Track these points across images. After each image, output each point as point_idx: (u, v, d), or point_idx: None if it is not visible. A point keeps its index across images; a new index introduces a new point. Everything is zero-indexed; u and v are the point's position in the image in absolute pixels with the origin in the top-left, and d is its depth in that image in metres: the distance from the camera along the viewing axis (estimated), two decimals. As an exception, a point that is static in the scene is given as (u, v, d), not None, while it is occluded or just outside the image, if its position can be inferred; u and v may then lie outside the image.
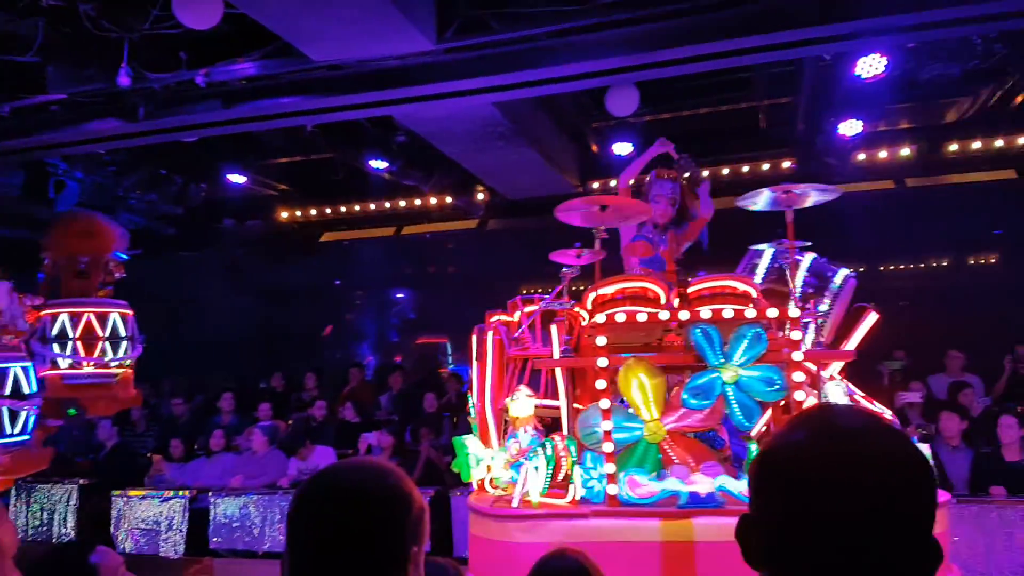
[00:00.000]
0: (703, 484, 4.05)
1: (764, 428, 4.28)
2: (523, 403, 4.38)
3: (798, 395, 4.16)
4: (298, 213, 12.11)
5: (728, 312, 4.20)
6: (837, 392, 4.29)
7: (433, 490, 7.38)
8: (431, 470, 7.90)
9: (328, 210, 11.99)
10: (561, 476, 4.34)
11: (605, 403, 4.18)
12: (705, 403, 4.11)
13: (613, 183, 10.44)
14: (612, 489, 4.14)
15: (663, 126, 9.66)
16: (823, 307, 4.77)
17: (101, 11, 6.24)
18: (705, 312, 4.22)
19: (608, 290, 4.46)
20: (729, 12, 5.85)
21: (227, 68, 6.78)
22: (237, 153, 10.06)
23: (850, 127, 8.26)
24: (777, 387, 4.04)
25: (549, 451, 4.27)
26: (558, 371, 4.62)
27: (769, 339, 4.11)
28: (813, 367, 4.38)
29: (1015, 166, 9.73)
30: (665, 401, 4.22)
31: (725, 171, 10.04)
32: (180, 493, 8.01)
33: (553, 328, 4.54)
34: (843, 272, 4.87)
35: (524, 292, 5.22)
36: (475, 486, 4.61)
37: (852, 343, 4.50)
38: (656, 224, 5.41)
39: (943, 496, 4.13)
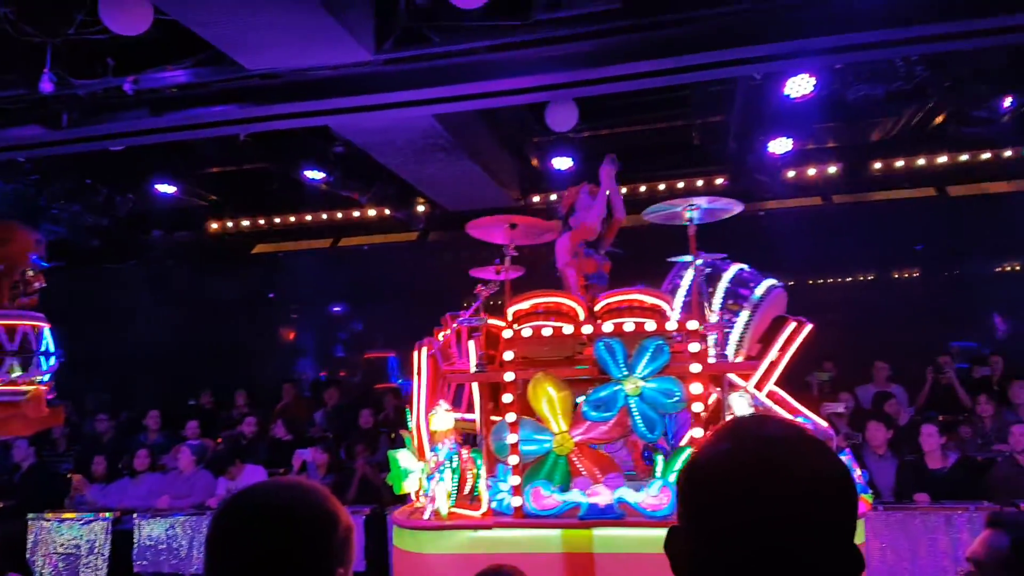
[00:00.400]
0: (603, 496, 4.14)
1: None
2: (442, 417, 4.47)
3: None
4: (230, 224, 11.81)
5: (629, 326, 4.30)
6: (741, 404, 4.37)
7: (369, 508, 7.26)
8: (367, 487, 7.76)
9: (261, 221, 11.72)
10: (467, 488, 4.47)
11: (511, 416, 4.28)
12: (607, 415, 4.19)
13: (554, 196, 10.54)
14: (517, 501, 4.23)
15: (601, 142, 9.80)
16: (741, 318, 4.83)
17: (21, 14, 5.99)
18: (607, 326, 4.31)
19: (524, 305, 4.54)
20: (665, 32, 5.97)
21: (157, 75, 6.60)
22: (167, 162, 9.77)
23: (780, 145, 8.51)
24: (676, 399, 4.12)
25: (455, 464, 4.38)
26: (475, 385, 4.69)
27: (674, 351, 4.21)
28: (738, 379, 4.48)
29: (935, 184, 10.17)
30: (572, 414, 4.30)
31: (661, 186, 10.23)
32: (102, 515, 7.68)
33: (471, 343, 4.63)
34: (766, 283, 4.91)
35: (465, 305, 5.23)
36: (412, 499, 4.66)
37: (771, 354, 4.58)
38: (587, 240, 5.43)
39: (863, 506, 4.27)
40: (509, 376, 4.32)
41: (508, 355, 4.37)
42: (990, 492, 6.39)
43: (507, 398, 4.32)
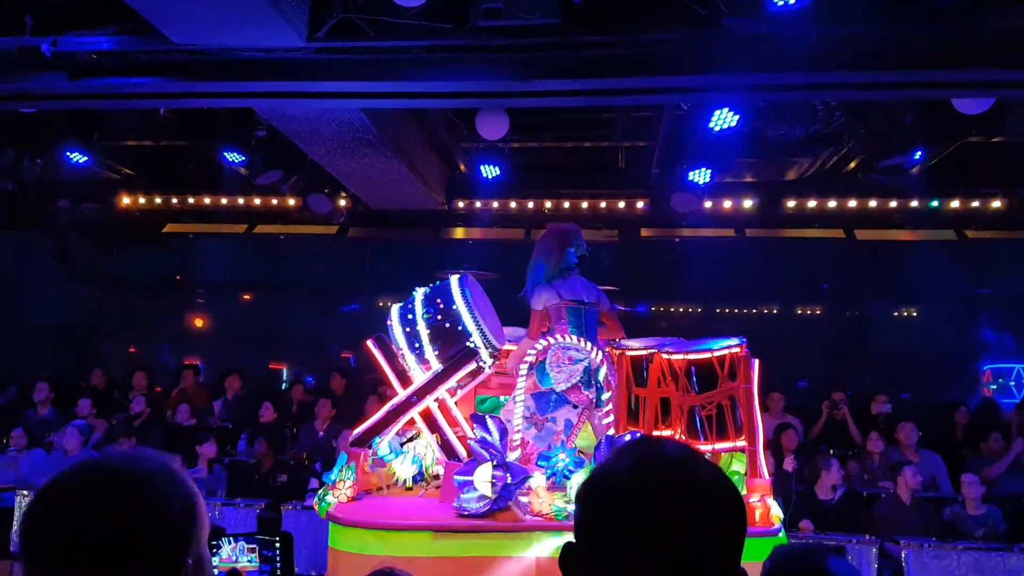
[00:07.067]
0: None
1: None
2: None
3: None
4: (142, 200, 11.33)
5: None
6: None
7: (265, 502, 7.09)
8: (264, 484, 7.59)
9: (175, 200, 11.28)
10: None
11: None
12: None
13: (479, 204, 10.56)
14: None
15: (530, 154, 9.89)
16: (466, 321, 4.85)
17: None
18: None
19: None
20: (599, 52, 6.05)
21: (78, 39, 6.30)
22: (80, 131, 9.35)
23: (699, 175, 8.73)
24: None
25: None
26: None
27: None
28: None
29: (844, 227, 10.60)
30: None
31: (584, 204, 10.36)
32: (-23, 490, 7.25)
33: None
34: (455, 280, 5.00)
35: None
36: None
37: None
38: None
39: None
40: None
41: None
42: (872, 526, 6.63)
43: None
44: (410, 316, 4.99)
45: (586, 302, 5.10)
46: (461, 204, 10.68)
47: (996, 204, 9.95)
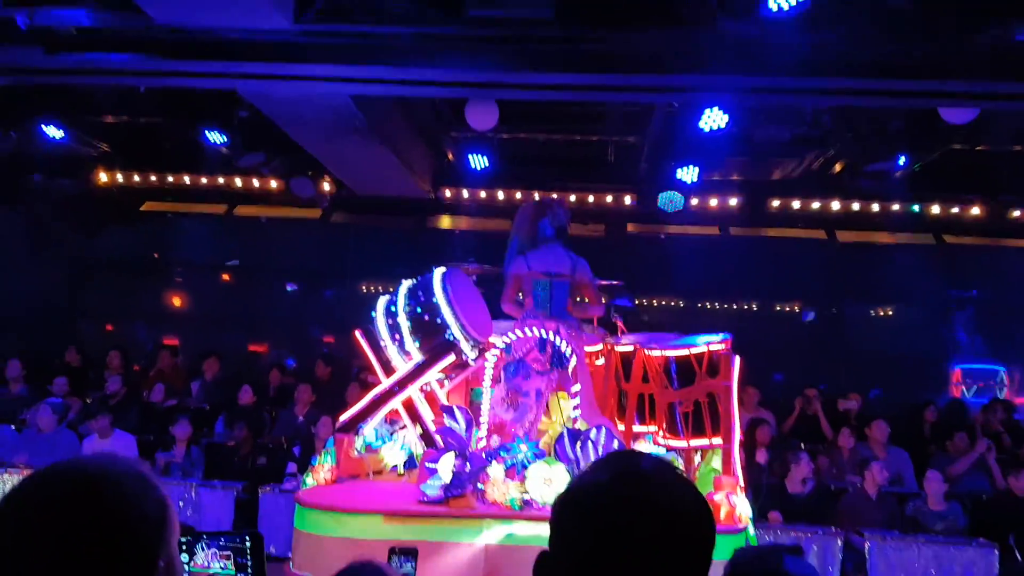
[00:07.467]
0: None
1: None
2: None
3: None
4: (119, 177, 11.11)
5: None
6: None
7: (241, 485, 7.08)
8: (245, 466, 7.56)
9: (153, 178, 11.07)
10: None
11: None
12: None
13: (466, 193, 10.50)
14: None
15: (519, 145, 9.82)
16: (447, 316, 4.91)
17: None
18: None
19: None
20: (591, 47, 6.02)
21: (56, 12, 6.16)
22: (57, 105, 9.12)
23: (687, 173, 8.73)
24: None
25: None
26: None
27: None
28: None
29: (826, 228, 10.69)
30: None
31: (572, 198, 10.31)
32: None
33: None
34: (438, 273, 5.09)
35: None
36: None
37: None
38: None
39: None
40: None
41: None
42: (839, 519, 6.75)
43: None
44: (393, 308, 5.06)
45: (555, 273, 5.18)
46: (448, 193, 10.61)
47: (975, 211, 10.10)
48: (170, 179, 11.06)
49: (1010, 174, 9.63)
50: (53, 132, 9.44)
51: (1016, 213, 10.13)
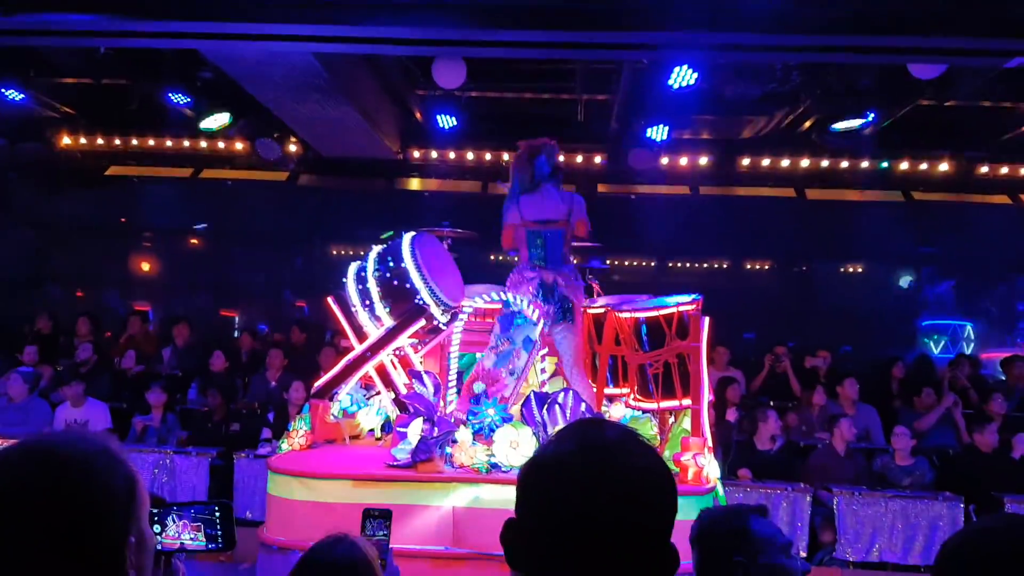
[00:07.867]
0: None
1: None
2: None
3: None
4: (83, 140, 10.87)
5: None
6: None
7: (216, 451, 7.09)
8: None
9: (118, 141, 10.84)
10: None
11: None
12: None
13: (435, 154, 10.40)
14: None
15: (487, 104, 9.72)
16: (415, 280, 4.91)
17: None
18: None
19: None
20: (558, 2, 5.92)
21: (12, -28, 5.94)
22: (16, 67, 8.87)
23: (657, 132, 8.69)
24: None
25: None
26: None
27: None
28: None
29: (795, 186, 10.73)
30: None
31: (542, 157, 10.25)
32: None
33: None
34: (407, 238, 5.07)
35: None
36: None
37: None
38: None
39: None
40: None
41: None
42: (808, 475, 6.89)
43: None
44: (363, 274, 5.04)
45: (549, 220, 5.16)
46: (416, 154, 10.50)
47: (943, 167, 10.17)
48: (134, 142, 10.83)
49: (978, 129, 9.72)
50: (12, 94, 9.18)
51: (984, 169, 10.22)
